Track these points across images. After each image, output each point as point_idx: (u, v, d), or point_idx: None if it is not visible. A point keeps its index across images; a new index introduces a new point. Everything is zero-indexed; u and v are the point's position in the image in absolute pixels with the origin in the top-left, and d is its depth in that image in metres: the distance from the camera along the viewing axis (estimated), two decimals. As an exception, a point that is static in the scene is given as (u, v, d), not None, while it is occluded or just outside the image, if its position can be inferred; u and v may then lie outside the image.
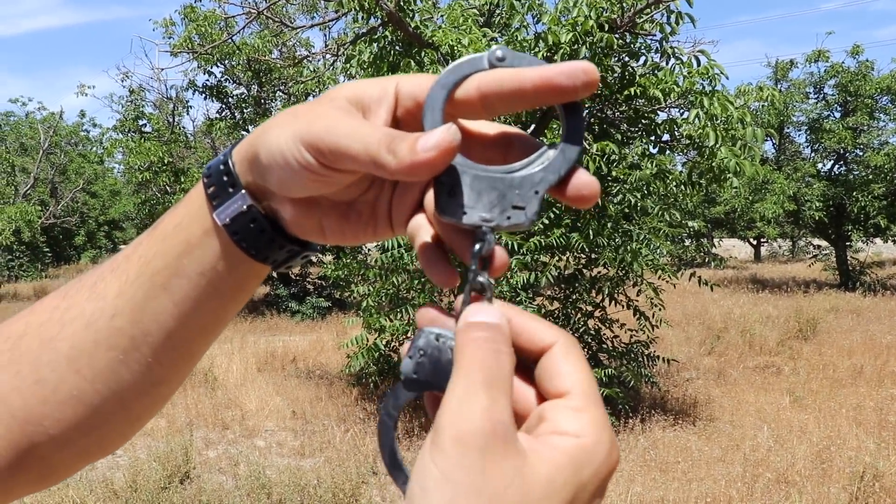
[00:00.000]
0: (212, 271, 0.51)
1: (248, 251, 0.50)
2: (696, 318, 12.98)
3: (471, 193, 0.43)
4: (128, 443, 6.62)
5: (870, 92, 18.83)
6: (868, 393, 7.90)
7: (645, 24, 6.38)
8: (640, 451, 6.08)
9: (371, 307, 7.05)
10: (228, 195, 0.49)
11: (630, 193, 6.54)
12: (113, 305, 0.52)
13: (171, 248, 0.51)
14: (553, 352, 0.40)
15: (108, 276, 0.53)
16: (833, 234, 20.37)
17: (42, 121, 26.57)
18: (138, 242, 0.53)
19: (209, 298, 0.52)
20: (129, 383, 0.53)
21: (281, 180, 0.46)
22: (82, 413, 0.53)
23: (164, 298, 0.51)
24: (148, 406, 0.56)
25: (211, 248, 0.50)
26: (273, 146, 0.45)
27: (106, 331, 0.52)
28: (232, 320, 3.70)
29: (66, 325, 0.53)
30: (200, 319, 0.53)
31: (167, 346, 0.53)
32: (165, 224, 0.52)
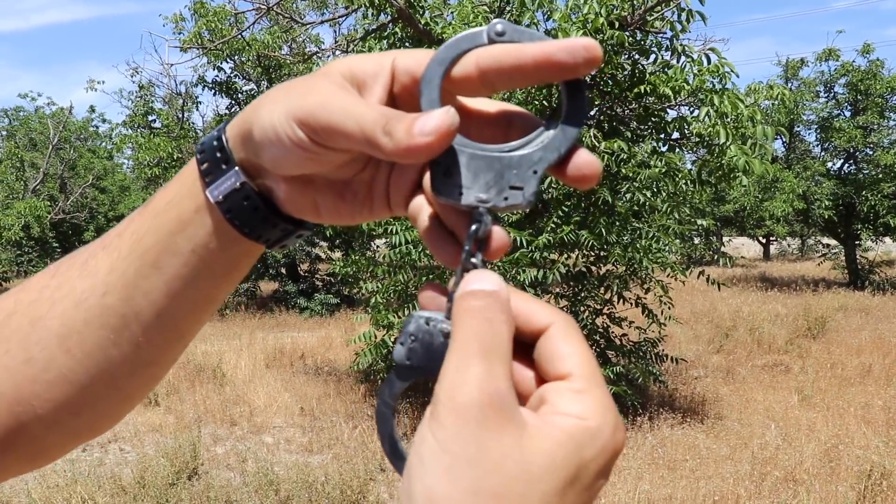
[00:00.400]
0: (204, 249, 0.50)
1: (241, 229, 0.49)
2: (705, 316, 12.95)
3: (467, 173, 0.42)
4: (136, 439, 6.67)
5: (880, 91, 18.73)
6: (876, 392, 7.87)
7: (655, 21, 6.37)
8: (648, 449, 6.08)
9: (380, 304, 7.06)
10: (222, 172, 0.48)
11: (639, 191, 6.52)
12: (104, 283, 0.51)
13: (163, 224, 0.50)
14: (551, 333, 0.39)
15: (100, 254, 0.52)
16: (842, 233, 20.28)
17: (51, 116, 26.67)
18: (130, 219, 0.52)
19: (201, 277, 0.51)
20: (119, 363, 0.52)
21: (274, 157, 0.45)
22: (72, 393, 0.52)
23: (156, 276, 0.50)
24: (138, 387, 0.55)
25: (203, 225, 0.49)
26: (266, 122, 0.44)
27: (97, 309, 0.51)
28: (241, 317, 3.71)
29: (56, 304, 0.52)
30: (192, 298, 0.51)
31: (158, 325, 0.52)
32: (158, 200, 0.51)
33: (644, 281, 7.10)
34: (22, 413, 0.53)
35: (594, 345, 7.29)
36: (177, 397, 8.08)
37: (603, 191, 6.42)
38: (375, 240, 8.94)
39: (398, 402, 0.44)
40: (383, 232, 6.91)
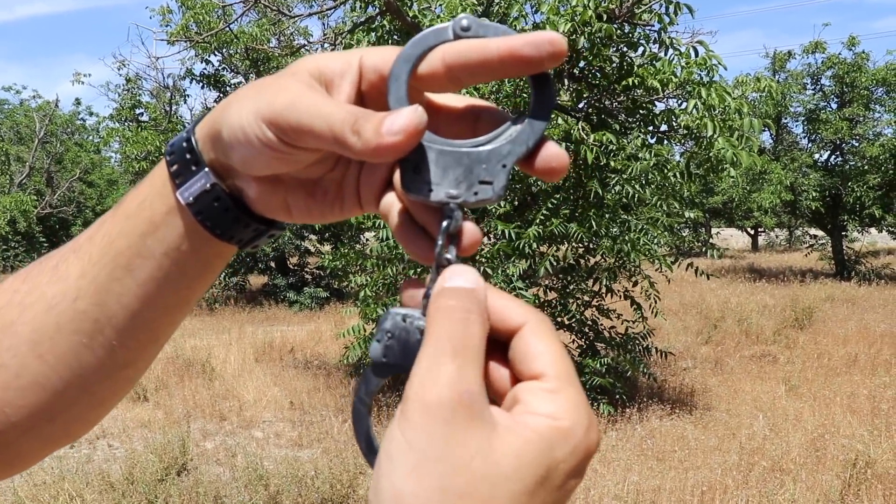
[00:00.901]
0: (176, 251, 0.49)
1: (213, 230, 0.48)
2: (694, 307, 13.02)
3: (436, 170, 0.42)
4: (124, 434, 6.64)
5: (866, 83, 18.88)
6: (862, 381, 7.94)
7: (643, 14, 6.37)
8: (637, 441, 6.12)
9: (369, 297, 7.06)
10: (192, 173, 0.47)
11: (628, 184, 6.54)
12: (75, 287, 0.50)
13: (134, 227, 0.49)
14: (524, 332, 0.39)
15: (70, 258, 0.51)
16: (829, 224, 20.44)
17: (37, 109, 26.44)
18: (101, 222, 0.52)
19: (174, 279, 0.50)
20: (93, 367, 0.52)
21: (243, 158, 0.45)
22: (45, 399, 0.52)
23: (128, 279, 0.50)
24: (113, 390, 0.55)
25: (175, 227, 0.49)
26: (234, 123, 0.44)
27: (69, 314, 0.50)
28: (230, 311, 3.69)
29: (26, 309, 0.51)
30: (165, 300, 0.51)
31: (132, 329, 0.51)
32: (128, 203, 0.51)
33: (633, 273, 7.13)
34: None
35: (583, 337, 7.31)
36: (166, 392, 8.05)
37: (592, 183, 6.43)
38: (365, 233, 8.93)
39: (374, 400, 0.43)
40: (372, 225, 6.90)
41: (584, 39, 6.02)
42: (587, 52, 6.26)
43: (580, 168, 6.61)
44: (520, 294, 6.33)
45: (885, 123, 19.30)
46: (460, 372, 0.35)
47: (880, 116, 19.57)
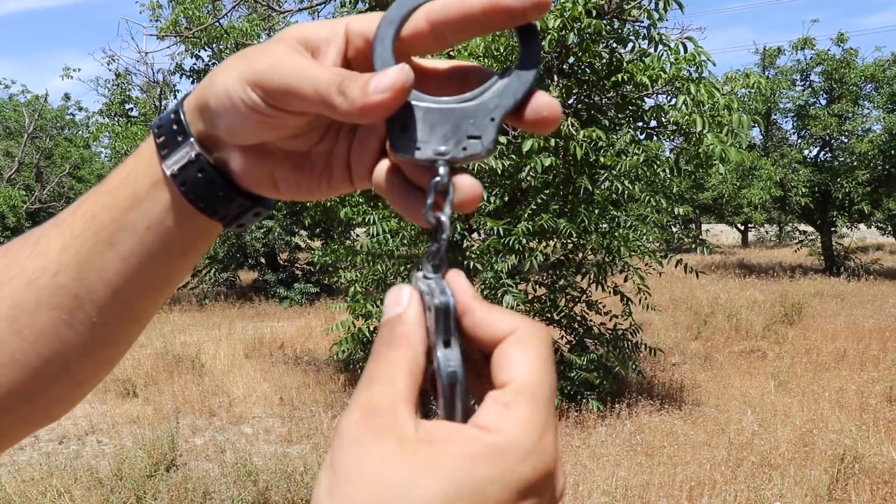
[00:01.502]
0: (159, 226, 0.49)
1: (196, 204, 0.48)
2: (684, 302, 13.06)
3: (423, 127, 0.42)
4: (113, 430, 6.62)
5: (854, 79, 18.96)
6: (850, 376, 7.99)
7: (632, 10, 6.37)
8: (626, 436, 6.13)
9: (358, 293, 7.05)
10: (177, 144, 0.47)
11: (617, 180, 6.54)
12: (56, 261, 0.49)
13: (118, 201, 0.49)
14: (507, 341, 0.37)
15: (52, 232, 0.51)
16: (819, 220, 20.54)
17: (26, 104, 26.26)
18: (85, 198, 0.51)
19: (157, 255, 0.50)
20: (73, 345, 0.51)
21: (230, 125, 0.45)
22: (23, 377, 0.51)
23: (110, 253, 0.49)
24: (92, 370, 0.54)
25: (159, 201, 0.48)
26: (220, 89, 0.44)
27: (49, 288, 0.49)
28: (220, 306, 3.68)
29: (5, 284, 0.50)
30: (148, 277, 0.51)
31: (113, 305, 0.50)
32: (113, 177, 0.50)
33: (622, 269, 7.14)
34: None
35: (572, 332, 7.32)
36: (155, 388, 8.02)
37: (582, 179, 6.43)
38: (355, 229, 8.93)
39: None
40: (362, 221, 6.89)
41: (574, 35, 6.02)
42: (576, 48, 6.26)
43: (570, 164, 6.61)
44: (508, 289, 6.34)
45: (873, 120, 19.40)
46: (369, 394, 0.35)
47: (869, 112, 19.68)
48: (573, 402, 6.80)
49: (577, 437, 6.16)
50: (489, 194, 6.45)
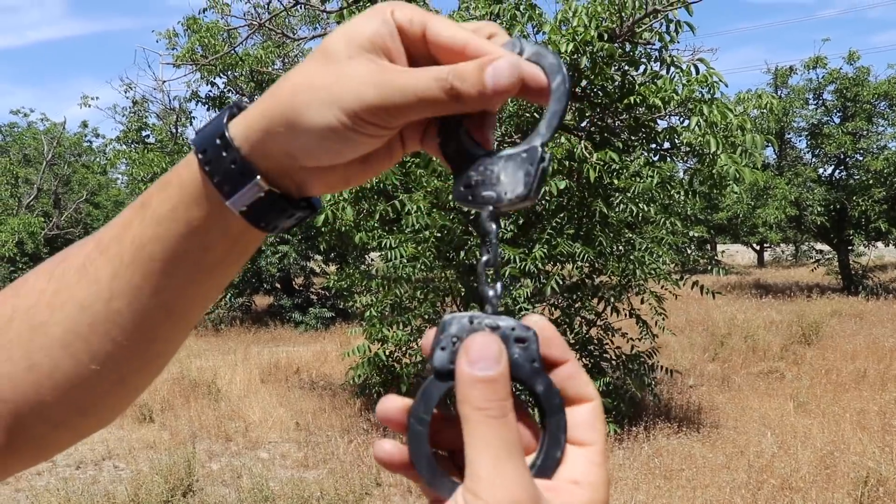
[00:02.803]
0: (215, 248, 0.50)
1: (263, 227, 0.49)
2: (700, 324, 12.97)
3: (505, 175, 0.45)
4: (130, 456, 6.63)
5: (868, 97, 18.89)
6: (871, 397, 7.89)
7: (644, 32, 6.40)
8: (644, 459, 6.08)
9: (374, 317, 7.06)
10: (240, 182, 0.47)
11: (632, 202, 6.55)
12: (109, 289, 0.50)
13: (169, 232, 0.49)
14: (592, 405, 0.43)
15: (99, 260, 0.51)
16: (835, 239, 20.37)
17: (45, 132, 26.64)
18: (127, 223, 0.51)
19: (211, 272, 0.51)
20: (127, 361, 0.52)
21: (328, 152, 0.46)
22: (79, 395, 0.52)
23: (164, 280, 0.50)
24: (144, 380, 0.56)
25: (216, 229, 0.49)
26: (316, 126, 0.44)
27: (103, 314, 0.50)
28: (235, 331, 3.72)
29: (56, 310, 0.51)
30: (201, 291, 0.52)
31: (167, 321, 0.52)
32: (158, 207, 0.49)
33: (638, 292, 7.12)
34: (26, 416, 0.52)
35: (588, 356, 7.28)
36: (171, 413, 8.05)
37: (596, 202, 6.44)
38: (370, 253, 8.98)
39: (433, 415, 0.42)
40: (378, 246, 6.91)
41: (586, 59, 6.06)
42: (589, 71, 6.29)
43: (584, 187, 6.62)
44: (526, 313, 6.32)
45: (888, 137, 19.30)
46: (521, 471, 0.38)
47: (884, 130, 19.58)
48: (590, 425, 6.74)
49: (595, 460, 6.11)
50: (504, 221, 6.47)
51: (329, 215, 6.63)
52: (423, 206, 6.42)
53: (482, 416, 0.39)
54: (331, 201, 6.61)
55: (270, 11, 9.21)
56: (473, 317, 0.41)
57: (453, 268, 6.78)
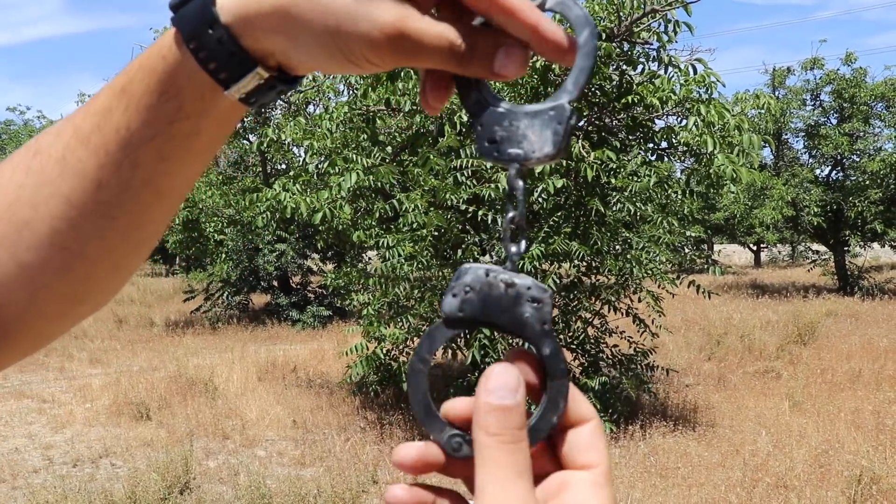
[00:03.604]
0: (206, 132, 0.49)
1: (253, 105, 0.48)
2: (696, 323, 13.00)
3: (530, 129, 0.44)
4: (127, 453, 6.64)
5: (865, 98, 18.94)
6: (866, 396, 7.92)
7: (642, 32, 6.43)
8: (640, 458, 6.10)
9: (371, 315, 7.07)
10: (238, 71, 0.45)
11: (629, 201, 6.57)
12: (95, 181, 0.49)
13: (158, 119, 0.47)
14: (591, 425, 0.43)
15: (80, 150, 0.49)
16: (831, 239, 20.42)
17: (42, 129, 26.63)
18: (106, 110, 0.49)
19: (201, 154, 0.51)
20: (118, 247, 0.52)
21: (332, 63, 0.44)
22: (74, 285, 0.53)
23: (155, 166, 0.49)
24: (138, 260, 0.56)
25: (210, 112, 0.48)
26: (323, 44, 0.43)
27: (91, 205, 0.50)
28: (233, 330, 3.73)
29: (40, 206, 0.50)
30: (190, 169, 0.51)
31: (156, 204, 0.51)
32: (143, 94, 0.48)
33: (635, 291, 7.14)
34: (24, 314, 0.53)
35: (585, 355, 7.31)
36: (168, 411, 8.05)
37: (594, 201, 6.46)
38: (367, 252, 8.99)
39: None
40: (375, 245, 6.93)
41: (584, 58, 6.07)
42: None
43: (581, 186, 6.64)
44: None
45: (885, 139, 19.36)
46: (528, 492, 0.39)
47: (880, 131, 19.63)
48: (586, 423, 6.76)
49: (591, 459, 6.12)
50: (502, 218, 6.47)
51: (327, 213, 6.64)
52: (420, 204, 6.43)
53: (495, 441, 0.40)
54: (328, 199, 6.62)
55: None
56: (490, 269, 0.42)
57: (451, 266, 6.80)
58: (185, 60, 0.46)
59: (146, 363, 11.14)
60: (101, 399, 8.67)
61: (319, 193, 6.61)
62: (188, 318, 16.22)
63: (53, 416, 8.04)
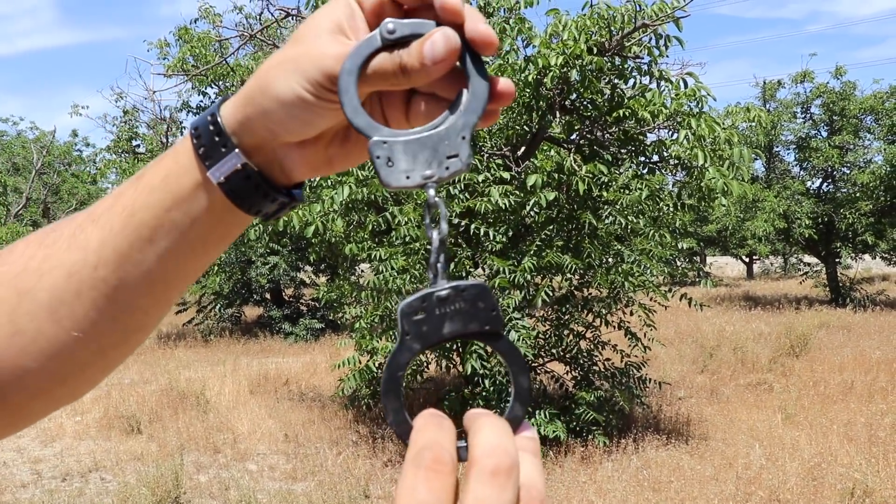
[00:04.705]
0: (200, 223, 0.52)
1: (241, 205, 0.52)
2: (689, 336, 13.01)
3: (407, 158, 0.46)
4: (117, 467, 6.59)
5: (854, 111, 19.09)
6: (858, 409, 7.93)
7: (633, 46, 6.46)
8: (632, 471, 6.09)
9: (364, 329, 7.05)
10: (221, 154, 0.50)
11: (620, 214, 6.59)
12: (96, 256, 0.52)
13: (158, 201, 0.52)
14: None
15: (89, 228, 0.53)
16: (823, 251, 20.51)
17: (35, 140, 26.54)
18: (119, 193, 0.53)
19: (196, 248, 0.53)
20: (109, 331, 0.54)
21: (302, 123, 0.49)
22: (60, 362, 0.54)
23: (150, 249, 0.52)
24: (122, 353, 0.57)
25: (202, 202, 0.52)
26: (285, 94, 0.48)
27: (89, 281, 0.52)
28: (225, 342, 3.73)
29: (44, 276, 0.52)
30: (184, 266, 0.54)
31: (148, 295, 0.54)
32: (151, 176, 0.53)
33: (627, 304, 7.14)
34: (7, 385, 0.54)
35: (578, 368, 7.30)
36: (159, 425, 8.00)
37: (585, 214, 6.47)
38: (360, 265, 8.99)
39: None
40: (367, 258, 6.92)
41: (576, 72, 6.11)
42: (578, 84, 6.34)
43: (573, 199, 6.66)
44: (516, 324, 6.34)
45: (874, 151, 19.50)
46: None
47: (870, 144, 19.78)
48: (579, 437, 6.76)
49: (584, 472, 6.12)
50: (494, 231, 6.48)
51: (319, 226, 6.63)
52: (413, 218, 6.44)
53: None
54: (321, 212, 6.62)
55: (262, 23, 9.25)
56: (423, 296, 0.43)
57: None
58: (188, 148, 0.52)
59: (137, 376, 11.07)
60: (92, 412, 8.61)
61: (312, 206, 6.61)
62: (180, 330, 16.15)
63: (42, 430, 7.98)
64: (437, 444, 0.37)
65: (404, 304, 0.44)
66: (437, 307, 0.43)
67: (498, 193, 6.12)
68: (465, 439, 0.39)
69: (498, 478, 0.35)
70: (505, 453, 0.36)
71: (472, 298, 0.43)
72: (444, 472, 0.36)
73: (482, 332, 0.43)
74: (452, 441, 0.38)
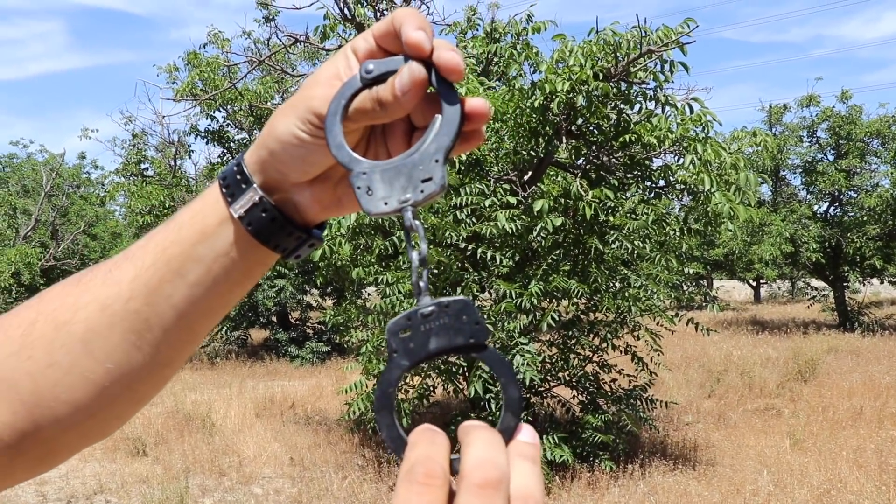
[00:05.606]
0: (224, 257, 0.56)
1: (259, 238, 0.56)
2: (696, 360, 12.95)
3: (384, 185, 0.49)
4: (122, 490, 6.57)
5: (860, 135, 19.12)
6: (868, 435, 7.86)
7: (639, 72, 6.51)
8: (639, 497, 6.04)
9: (370, 352, 7.06)
10: (242, 190, 0.56)
11: (627, 239, 6.60)
12: (129, 289, 0.56)
13: (186, 237, 0.56)
14: None
15: (124, 264, 0.57)
16: (831, 275, 20.43)
17: (44, 163, 26.76)
18: (153, 234, 0.58)
19: (220, 282, 0.57)
20: (138, 364, 0.57)
21: (302, 162, 0.54)
22: (91, 394, 0.56)
23: (179, 282, 0.56)
24: (151, 388, 0.60)
25: (225, 236, 0.56)
26: (283, 133, 0.53)
27: (121, 313, 0.56)
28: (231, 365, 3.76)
29: (79, 310, 0.56)
30: (210, 302, 0.57)
31: (177, 328, 0.57)
32: (181, 216, 0.58)
33: (634, 328, 7.13)
34: (40, 417, 0.56)
35: (584, 392, 7.27)
36: (165, 447, 7.99)
37: (592, 239, 6.49)
38: (367, 288, 9.01)
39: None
40: (374, 281, 6.94)
41: (582, 98, 6.16)
42: (585, 109, 6.39)
43: (580, 224, 6.68)
44: (522, 348, 6.33)
45: (881, 175, 19.50)
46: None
47: (876, 168, 19.78)
48: (585, 462, 6.72)
49: (590, 498, 6.07)
50: (501, 256, 6.50)
51: (326, 250, 6.67)
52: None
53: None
54: (328, 236, 6.65)
55: (270, 48, 9.36)
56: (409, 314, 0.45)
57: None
58: (216, 187, 0.57)
59: (143, 398, 11.05)
60: (98, 435, 8.59)
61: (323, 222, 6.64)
62: (186, 352, 16.13)
63: (49, 453, 7.96)
64: (430, 459, 0.38)
65: (391, 322, 0.46)
66: (423, 324, 0.45)
67: (504, 218, 6.15)
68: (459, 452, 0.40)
69: (486, 490, 0.37)
70: (493, 466, 0.37)
71: (455, 313, 0.45)
72: (435, 485, 0.37)
73: (468, 345, 0.45)
74: (445, 455, 0.39)
